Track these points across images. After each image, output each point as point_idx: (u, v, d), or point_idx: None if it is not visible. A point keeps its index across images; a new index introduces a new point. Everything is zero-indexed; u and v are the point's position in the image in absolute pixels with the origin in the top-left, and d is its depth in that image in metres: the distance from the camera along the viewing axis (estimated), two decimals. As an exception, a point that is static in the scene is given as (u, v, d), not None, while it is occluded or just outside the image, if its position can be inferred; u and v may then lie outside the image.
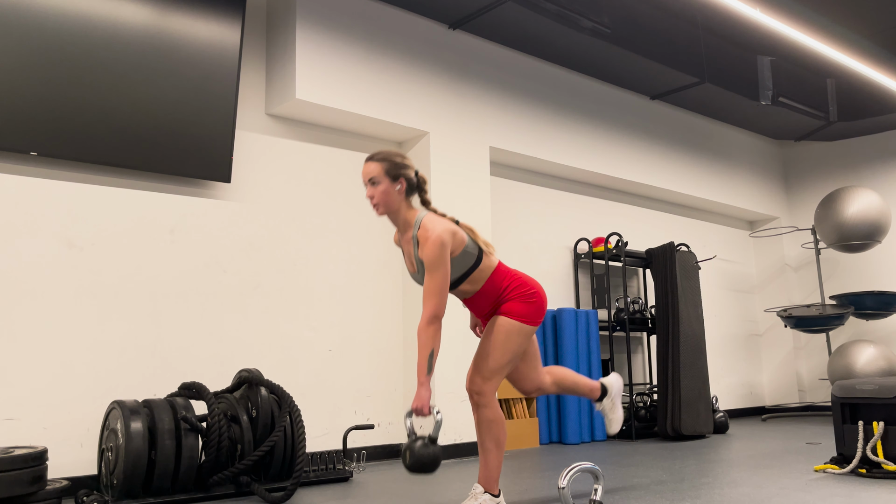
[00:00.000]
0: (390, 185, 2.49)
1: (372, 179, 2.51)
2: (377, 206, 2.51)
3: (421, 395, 2.33)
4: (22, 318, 3.28)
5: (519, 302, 2.58)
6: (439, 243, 2.40)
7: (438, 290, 2.38)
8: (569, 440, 5.03)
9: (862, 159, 7.31)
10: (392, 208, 2.53)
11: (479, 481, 2.56)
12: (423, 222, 2.47)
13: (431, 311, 2.37)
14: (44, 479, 2.68)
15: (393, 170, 2.50)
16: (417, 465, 2.30)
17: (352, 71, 4.30)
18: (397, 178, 2.50)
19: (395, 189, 2.50)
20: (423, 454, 2.30)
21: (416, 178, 2.57)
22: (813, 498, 2.79)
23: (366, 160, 2.54)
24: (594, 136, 5.74)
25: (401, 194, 2.52)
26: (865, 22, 4.94)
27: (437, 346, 2.37)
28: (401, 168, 2.51)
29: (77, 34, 3.42)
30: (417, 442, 2.33)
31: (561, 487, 2.30)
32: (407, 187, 2.53)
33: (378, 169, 2.50)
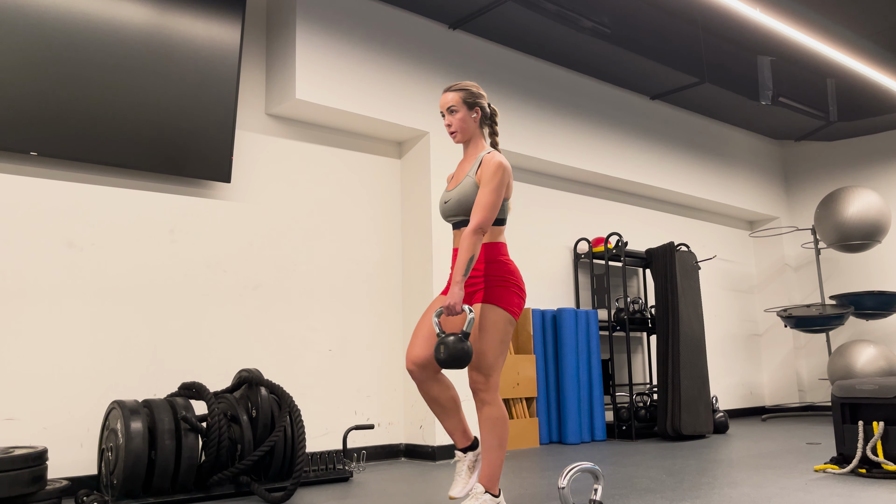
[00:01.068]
0: (467, 113, 2.64)
1: (450, 108, 2.64)
2: (454, 134, 2.66)
3: (454, 293, 2.42)
4: (22, 317, 3.28)
5: (512, 293, 2.58)
6: (503, 167, 2.54)
7: (490, 204, 2.49)
8: (569, 440, 5.03)
9: (862, 159, 7.31)
10: (468, 135, 2.67)
11: (481, 480, 2.55)
12: (492, 151, 2.62)
13: (478, 222, 2.47)
14: (44, 479, 2.68)
15: (470, 98, 2.64)
16: (452, 359, 2.38)
17: (352, 71, 4.30)
18: (473, 106, 2.65)
19: (471, 117, 2.65)
20: (457, 348, 2.38)
21: (489, 108, 2.70)
22: (813, 498, 2.79)
23: (444, 91, 2.68)
24: (594, 136, 5.74)
25: (476, 122, 2.66)
26: (865, 22, 4.94)
27: (477, 254, 2.47)
28: (477, 97, 2.65)
29: (77, 34, 3.42)
30: (450, 337, 2.40)
31: (561, 487, 2.30)
32: (481, 116, 2.67)
33: (456, 98, 2.64)
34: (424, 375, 2.65)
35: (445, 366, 2.40)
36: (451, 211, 2.64)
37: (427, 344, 2.62)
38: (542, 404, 5.06)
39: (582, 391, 5.14)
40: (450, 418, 2.69)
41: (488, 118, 2.72)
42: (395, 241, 4.72)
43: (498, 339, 2.54)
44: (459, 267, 2.44)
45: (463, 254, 2.45)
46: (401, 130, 4.60)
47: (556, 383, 5.16)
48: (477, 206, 2.50)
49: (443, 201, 2.71)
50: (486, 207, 2.49)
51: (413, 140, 4.73)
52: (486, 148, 2.68)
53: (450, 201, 2.65)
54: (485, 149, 2.68)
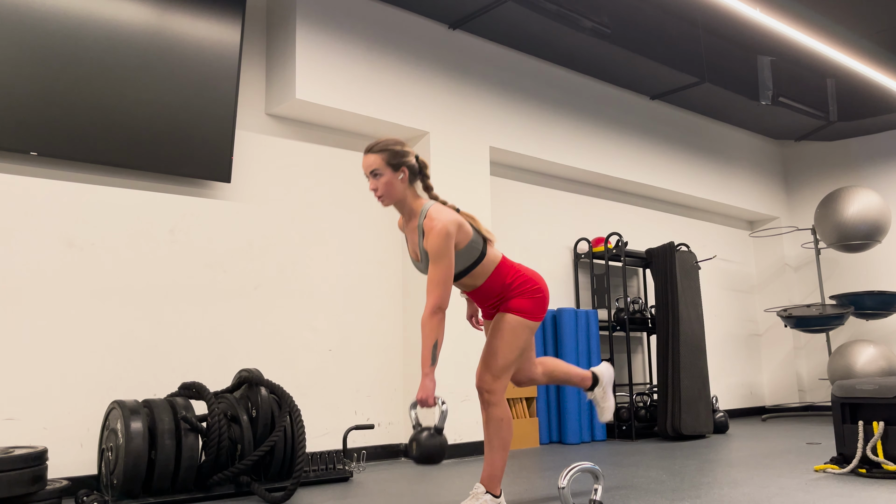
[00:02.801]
0: (393, 176, 2.45)
1: (374, 171, 2.46)
2: (382, 198, 2.48)
3: (426, 385, 2.31)
4: (22, 317, 3.28)
5: (524, 298, 2.57)
6: (444, 234, 2.36)
7: (442, 280, 2.35)
8: (569, 440, 5.03)
9: (862, 159, 7.31)
10: (397, 198, 2.49)
11: (482, 481, 2.55)
12: (429, 212, 2.43)
13: (435, 302, 2.34)
14: (44, 479, 2.68)
15: (394, 159, 2.45)
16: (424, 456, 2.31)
17: (352, 71, 4.30)
18: (399, 167, 2.46)
19: (397, 179, 2.46)
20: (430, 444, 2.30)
21: (417, 163, 2.52)
22: (813, 498, 2.79)
23: (365, 151, 2.49)
24: (594, 136, 5.74)
25: (404, 183, 2.48)
26: (865, 22, 4.94)
27: (441, 337, 2.34)
28: (401, 156, 2.46)
29: (77, 34, 3.42)
30: (423, 433, 2.33)
31: (561, 487, 2.30)
32: (409, 175, 2.49)
33: (379, 160, 2.45)
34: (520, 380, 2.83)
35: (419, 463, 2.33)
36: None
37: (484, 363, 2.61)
38: (542, 404, 5.06)
39: (582, 391, 5.14)
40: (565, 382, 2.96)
41: (418, 174, 2.53)
42: (396, 241, 4.72)
43: (511, 341, 2.53)
44: (426, 357, 2.31)
45: (425, 341, 2.31)
46: (401, 130, 4.60)
47: (556, 383, 5.15)
48: (429, 284, 2.36)
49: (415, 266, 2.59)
50: (437, 285, 2.35)
51: (413, 140, 4.73)
52: (424, 206, 2.48)
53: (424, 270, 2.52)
54: (422, 208, 2.48)
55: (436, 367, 2.35)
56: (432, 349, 2.31)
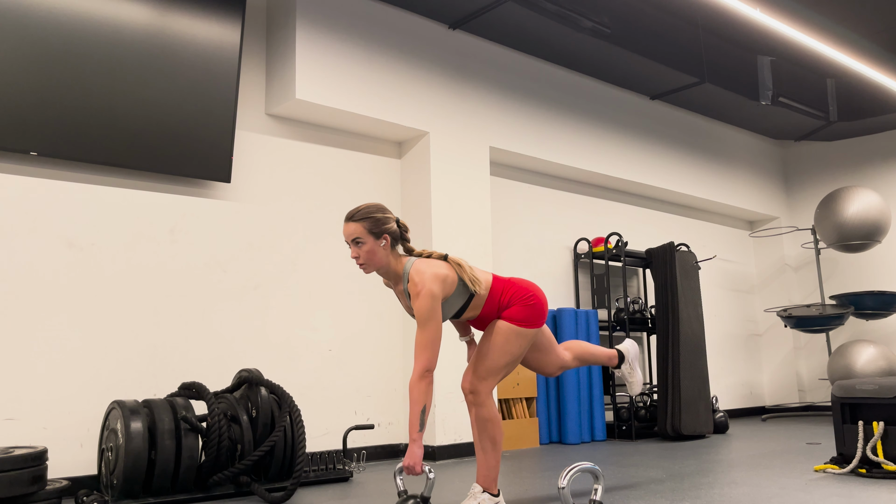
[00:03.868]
0: (375, 244, 2.44)
1: (355, 240, 2.45)
2: (364, 266, 2.47)
3: (413, 452, 2.27)
4: (22, 318, 3.28)
5: (518, 306, 2.58)
6: (429, 297, 2.36)
7: (430, 342, 2.33)
8: (569, 440, 5.03)
9: (862, 159, 7.31)
10: (379, 265, 2.48)
11: (478, 481, 2.55)
12: (411, 274, 2.42)
13: (423, 365, 2.31)
14: (44, 479, 2.68)
15: (375, 227, 2.44)
16: None
17: (352, 71, 4.30)
18: (381, 234, 2.45)
19: (379, 246, 2.45)
20: None
21: (398, 228, 2.51)
22: (813, 498, 2.79)
23: (345, 220, 2.47)
24: (594, 136, 5.74)
25: (386, 249, 2.47)
26: (865, 22, 4.94)
27: (430, 402, 2.31)
28: (383, 223, 2.45)
29: (77, 34, 3.42)
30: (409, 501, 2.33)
31: (561, 487, 2.30)
32: (391, 241, 2.48)
33: (360, 229, 2.44)
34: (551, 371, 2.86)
35: None
36: None
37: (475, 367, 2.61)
38: (542, 404, 5.06)
39: (582, 391, 5.15)
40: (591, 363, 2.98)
41: (398, 238, 2.51)
42: (395, 241, 4.72)
43: (501, 347, 2.54)
44: (413, 423, 2.28)
45: (413, 406, 2.28)
46: (401, 130, 4.60)
47: (556, 383, 5.16)
48: (417, 348, 2.34)
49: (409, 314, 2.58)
50: (425, 347, 2.33)
51: (413, 140, 4.73)
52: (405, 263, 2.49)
53: None
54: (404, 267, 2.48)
55: (424, 433, 2.31)
56: (420, 414, 2.28)
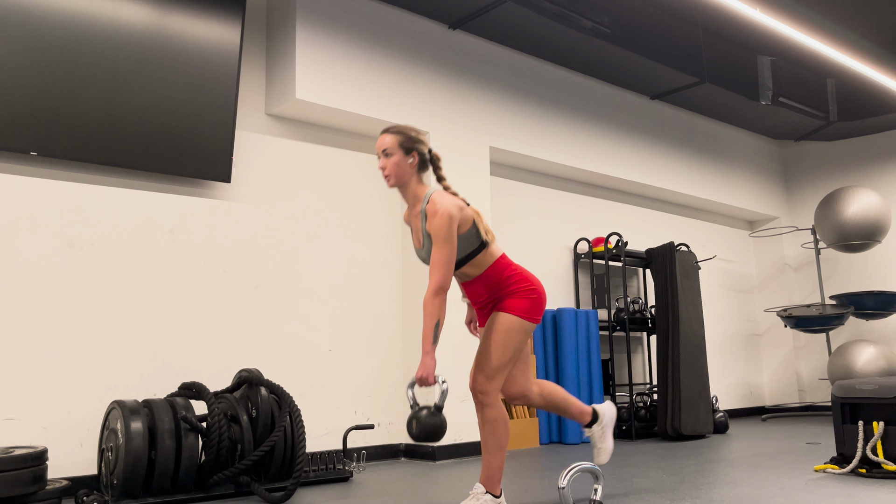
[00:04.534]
0: (403, 158, 2.53)
1: (385, 151, 2.54)
2: (388, 178, 2.55)
3: (426, 363, 2.35)
4: (22, 317, 3.28)
5: (520, 297, 2.57)
6: (447, 216, 2.42)
7: (445, 261, 2.40)
8: (569, 440, 5.03)
9: (862, 159, 7.31)
10: (402, 181, 2.55)
11: (481, 481, 2.55)
12: (432, 197, 2.50)
13: (437, 283, 2.38)
14: (44, 479, 2.68)
15: (406, 143, 2.54)
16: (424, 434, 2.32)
17: (352, 71, 4.30)
18: (410, 151, 2.54)
19: (406, 162, 2.53)
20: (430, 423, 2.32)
21: (429, 154, 2.60)
22: (813, 498, 2.79)
23: (381, 132, 2.58)
24: (594, 136, 5.74)
25: (412, 168, 2.55)
26: (865, 22, 4.94)
27: (443, 317, 2.38)
28: (414, 142, 2.55)
29: (77, 34, 3.42)
30: (423, 411, 2.35)
31: (561, 487, 2.30)
32: (419, 162, 2.56)
33: (392, 141, 2.54)
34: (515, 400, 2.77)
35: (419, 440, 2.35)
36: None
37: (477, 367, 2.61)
38: (542, 404, 5.05)
39: (582, 391, 5.14)
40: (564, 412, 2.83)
41: (429, 164, 2.60)
42: (396, 241, 4.72)
43: (504, 342, 2.54)
44: (427, 336, 2.36)
45: (427, 320, 2.36)
46: (401, 130, 4.60)
47: (556, 383, 5.16)
48: (432, 266, 2.41)
49: (418, 255, 2.63)
50: (440, 265, 2.40)
51: (413, 140, 4.73)
52: (426, 193, 2.55)
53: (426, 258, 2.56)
54: (424, 195, 2.54)
55: (436, 347, 2.39)
56: (434, 328, 2.35)
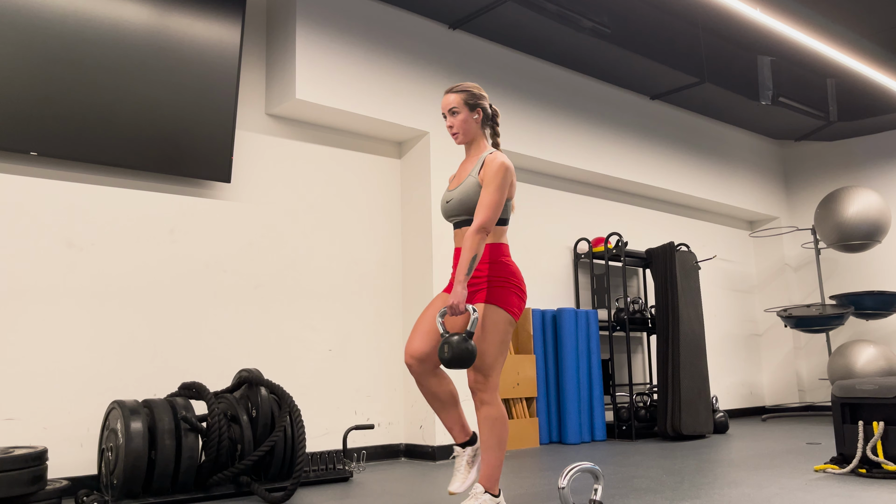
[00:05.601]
0: (469, 115, 2.66)
1: (452, 109, 2.66)
2: (456, 135, 2.68)
3: (458, 292, 2.44)
4: (22, 317, 3.28)
5: (512, 294, 2.58)
6: (506, 168, 2.56)
7: (493, 204, 2.50)
8: (569, 440, 5.03)
9: (862, 159, 7.31)
10: (469, 137, 2.69)
11: (480, 481, 2.55)
12: (496, 152, 2.63)
13: (481, 221, 2.48)
14: (44, 479, 2.68)
15: (471, 99, 2.66)
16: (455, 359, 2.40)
17: (352, 71, 4.30)
18: (475, 107, 2.67)
19: (472, 118, 2.66)
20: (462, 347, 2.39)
21: (490, 109, 2.71)
22: (813, 498, 2.79)
23: (445, 92, 2.69)
24: (594, 136, 5.74)
25: (478, 123, 2.68)
26: (865, 22, 4.94)
27: (481, 253, 2.48)
28: (479, 98, 2.67)
29: (77, 34, 3.42)
30: (454, 336, 2.40)
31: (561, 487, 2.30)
32: (483, 118, 2.69)
33: (458, 99, 2.65)
34: (423, 369, 2.65)
35: (450, 365, 2.40)
36: (453, 210, 2.65)
37: (427, 339, 2.63)
38: (542, 404, 5.06)
39: (582, 391, 5.14)
40: (448, 413, 2.70)
41: (490, 119, 2.72)
42: (395, 241, 4.72)
43: (498, 339, 2.55)
44: (462, 266, 2.45)
45: (466, 253, 2.46)
46: (401, 130, 4.60)
47: (556, 383, 5.16)
48: (480, 205, 2.51)
49: (444, 201, 2.71)
50: (489, 207, 2.50)
51: (413, 140, 4.73)
52: (489, 149, 2.68)
53: (451, 201, 2.65)
54: (487, 149, 2.68)
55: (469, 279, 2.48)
56: (470, 261, 2.45)
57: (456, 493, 2.61)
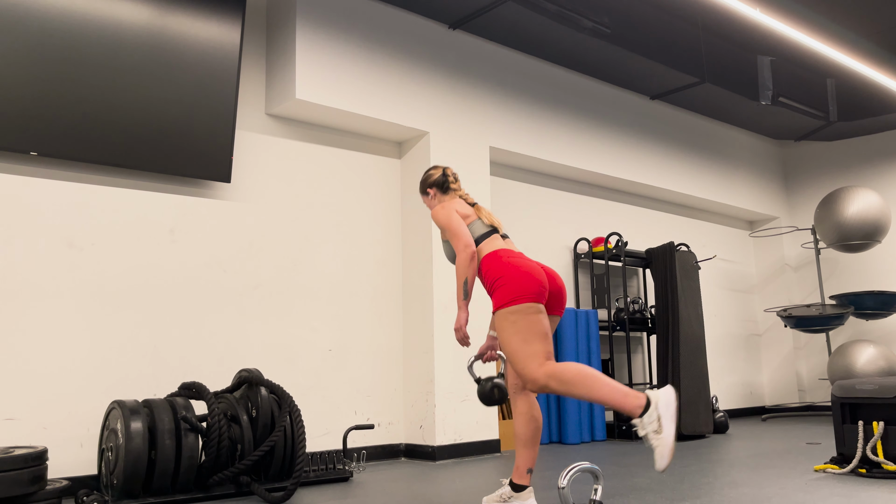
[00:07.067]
0: (427, 199, 3.02)
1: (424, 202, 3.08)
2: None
3: (458, 317, 2.71)
4: (22, 317, 3.28)
5: (497, 294, 2.60)
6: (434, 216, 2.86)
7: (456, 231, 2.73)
8: (569, 440, 5.03)
9: (862, 159, 7.31)
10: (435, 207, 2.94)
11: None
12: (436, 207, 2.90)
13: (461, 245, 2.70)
14: (44, 479, 2.68)
15: (422, 187, 3.02)
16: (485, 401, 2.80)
17: (352, 71, 4.30)
18: (425, 192, 3.01)
19: (429, 199, 3.01)
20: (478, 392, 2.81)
21: (441, 177, 2.98)
22: (813, 498, 2.79)
23: None
24: (594, 136, 5.74)
25: (436, 199, 2.98)
26: (865, 22, 4.94)
27: (472, 275, 2.68)
28: (423, 184, 3.01)
29: (77, 34, 3.42)
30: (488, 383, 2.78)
31: (561, 487, 2.30)
32: (438, 191, 2.98)
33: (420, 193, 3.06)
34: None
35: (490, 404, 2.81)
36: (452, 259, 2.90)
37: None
38: (542, 404, 5.06)
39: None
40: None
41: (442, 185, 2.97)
42: (395, 241, 4.72)
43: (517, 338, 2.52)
44: (457, 292, 2.70)
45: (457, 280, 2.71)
46: (401, 130, 4.60)
47: (556, 383, 5.15)
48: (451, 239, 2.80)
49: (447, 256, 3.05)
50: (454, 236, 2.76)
51: (413, 140, 4.73)
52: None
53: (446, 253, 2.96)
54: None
55: (469, 301, 2.69)
56: (463, 285, 2.67)
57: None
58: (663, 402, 2.39)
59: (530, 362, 2.49)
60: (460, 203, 2.90)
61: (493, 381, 2.80)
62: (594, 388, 2.41)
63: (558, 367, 2.47)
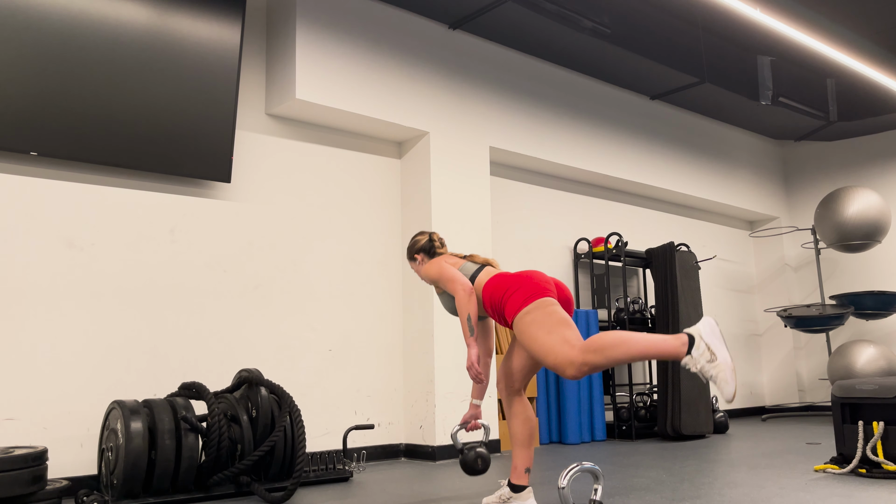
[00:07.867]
0: (415, 265, 3.03)
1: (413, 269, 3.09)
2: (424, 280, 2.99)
3: (468, 354, 2.70)
4: (22, 317, 3.28)
5: (509, 304, 2.58)
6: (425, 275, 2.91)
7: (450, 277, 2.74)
8: (569, 440, 5.03)
9: (862, 159, 7.31)
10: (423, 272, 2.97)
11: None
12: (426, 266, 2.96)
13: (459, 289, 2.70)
14: (44, 479, 2.68)
15: (409, 254, 3.05)
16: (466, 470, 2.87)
17: (352, 71, 4.30)
18: (413, 258, 3.04)
19: (417, 265, 3.02)
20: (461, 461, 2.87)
21: (428, 243, 3.01)
22: (813, 498, 2.79)
23: None
24: (594, 136, 5.74)
25: (423, 263, 2.98)
26: (865, 22, 4.94)
27: (473, 310, 2.67)
28: (410, 251, 3.04)
29: (77, 34, 3.42)
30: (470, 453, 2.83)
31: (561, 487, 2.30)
32: (426, 255, 3.00)
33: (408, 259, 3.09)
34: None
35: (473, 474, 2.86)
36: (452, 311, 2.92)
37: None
38: (542, 404, 5.06)
39: (582, 391, 5.15)
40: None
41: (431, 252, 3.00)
42: (395, 241, 4.72)
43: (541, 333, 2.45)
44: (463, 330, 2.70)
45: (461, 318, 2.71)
46: (401, 130, 4.60)
47: (556, 383, 5.16)
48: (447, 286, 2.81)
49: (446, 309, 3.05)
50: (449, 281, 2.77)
51: (413, 140, 4.73)
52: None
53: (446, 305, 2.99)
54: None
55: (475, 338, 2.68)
56: (467, 322, 2.66)
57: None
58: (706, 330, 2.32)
59: (561, 348, 2.39)
60: (448, 257, 2.95)
61: (476, 451, 2.84)
62: (632, 346, 2.33)
63: (590, 340, 2.39)
